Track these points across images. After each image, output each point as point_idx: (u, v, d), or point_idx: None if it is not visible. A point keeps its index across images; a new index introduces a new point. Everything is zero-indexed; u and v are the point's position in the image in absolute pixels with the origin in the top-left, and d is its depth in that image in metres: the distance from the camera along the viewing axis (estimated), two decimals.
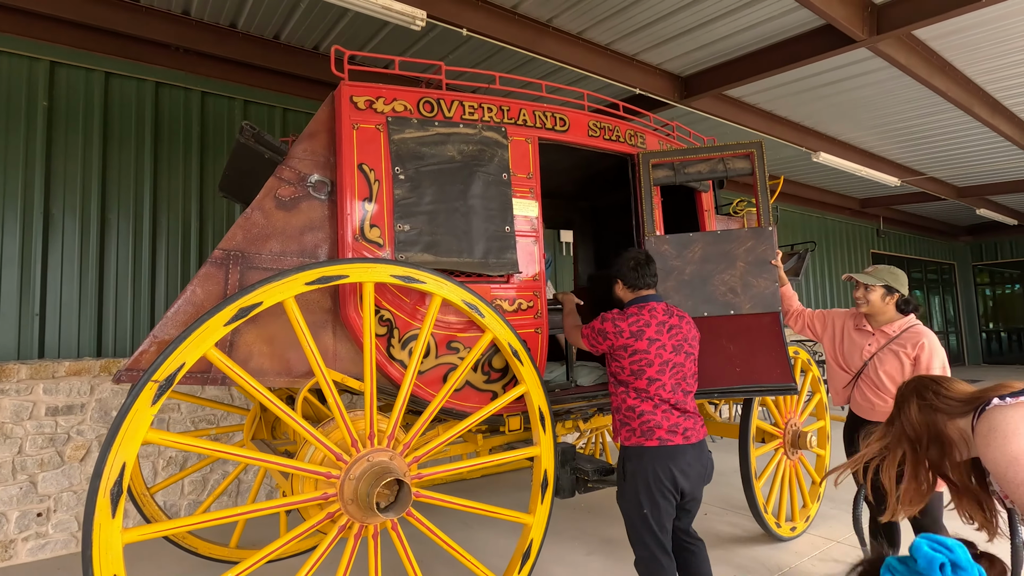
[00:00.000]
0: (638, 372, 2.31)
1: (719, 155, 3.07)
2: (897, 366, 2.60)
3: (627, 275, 2.48)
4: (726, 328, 2.95)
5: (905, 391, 1.61)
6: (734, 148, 3.06)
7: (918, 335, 2.60)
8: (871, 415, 2.68)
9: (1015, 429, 1.32)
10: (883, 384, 2.63)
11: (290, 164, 2.36)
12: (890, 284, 2.68)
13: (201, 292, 2.13)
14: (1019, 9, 4.25)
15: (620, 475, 2.38)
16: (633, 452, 2.31)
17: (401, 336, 2.40)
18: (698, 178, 3.11)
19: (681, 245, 3.02)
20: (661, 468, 2.26)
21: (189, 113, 4.61)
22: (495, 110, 2.73)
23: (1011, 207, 11.69)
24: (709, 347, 2.86)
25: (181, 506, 4.10)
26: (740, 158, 3.07)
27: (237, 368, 1.84)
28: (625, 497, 2.34)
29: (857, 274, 2.76)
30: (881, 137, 7.13)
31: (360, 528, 2.00)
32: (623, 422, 2.36)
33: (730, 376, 2.91)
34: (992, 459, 1.36)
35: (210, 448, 1.77)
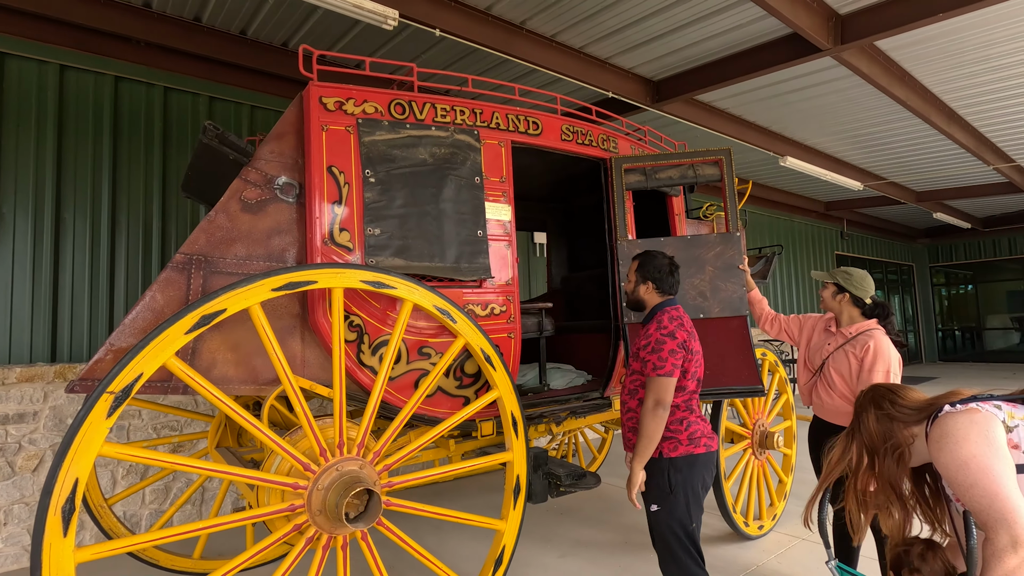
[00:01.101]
0: (692, 373, 2.28)
1: (689, 161, 3.10)
2: (846, 366, 2.66)
3: (664, 279, 2.41)
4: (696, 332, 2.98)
5: (863, 401, 1.68)
6: (703, 155, 3.10)
7: (868, 337, 2.64)
8: (823, 413, 2.80)
9: (965, 435, 1.38)
10: (833, 382, 2.71)
11: (256, 166, 2.30)
12: (840, 283, 2.75)
13: (161, 298, 2.05)
14: (973, 23, 4.42)
15: (663, 490, 2.19)
16: (684, 462, 2.20)
17: (371, 342, 2.36)
18: (669, 183, 3.15)
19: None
20: (708, 475, 2.24)
21: (151, 109, 4.45)
22: (467, 113, 2.71)
23: (965, 211, 12.20)
24: None
25: (142, 516, 3.96)
26: (709, 164, 3.11)
27: (199, 378, 1.78)
28: (673, 513, 2.18)
29: (816, 271, 2.87)
30: (845, 142, 7.34)
31: (328, 539, 1.96)
32: (672, 433, 2.22)
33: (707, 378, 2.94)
34: (944, 463, 1.42)
35: (170, 461, 1.71)
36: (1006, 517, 1.28)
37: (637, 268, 2.47)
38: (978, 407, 1.43)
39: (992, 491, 1.30)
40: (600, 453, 5.40)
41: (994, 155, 7.61)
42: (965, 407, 1.45)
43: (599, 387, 3.33)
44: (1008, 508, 1.28)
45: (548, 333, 3.30)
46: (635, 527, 3.93)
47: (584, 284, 4.48)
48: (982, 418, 1.41)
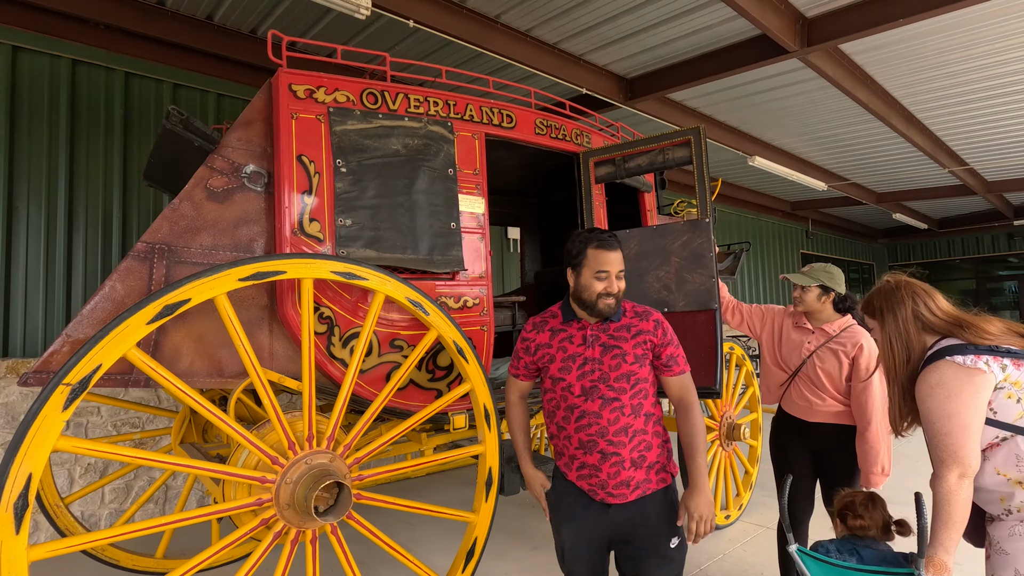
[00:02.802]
0: None
1: (658, 146, 2.94)
2: (836, 365, 2.55)
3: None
4: None
5: (899, 294, 1.72)
6: (672, 137, 2.91)
7: (857, 335, 2.57)
8: (807, 415, 2.63)
9: (959, 391, 1.52)
10: (822, 382, 2.59)
11: (223, 153, 2.24)
12: (825, 283, 2.63)
13: (122, 288, 1.98)
14: (931, 30, 4.59)
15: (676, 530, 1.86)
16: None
17: (342, 334, 2.33)
18: (639, 171, 3.04)
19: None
20: None
21: (111, 94, 4.29)
22: (441, 104, 2.69)
23: (922, 212, 12.68)
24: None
25: (101, 516, 3.83)
26: (680, 147, 2.90)
27: (161, 369, 1.73)
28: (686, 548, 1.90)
29: (792, 275, 2.72)
30: (810, 144, 7.55)
31: (297, 533, 1.93)
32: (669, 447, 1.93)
33: None
34: (929, 408, 1.56)
35: (129, 455, 1.65)
36: (962, 459, 1.49)
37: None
38: (985, 368, 1.51)
39: (960, 442, 1.49)
40: None
41: (949, 158, 7.93)
42: (974, 363, 1.52)
43: None
44: (966, 453, 1.49)
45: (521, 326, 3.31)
46: None
47: (557, 279, 4.50)
48: (981, 381, 1.51)
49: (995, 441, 1.53)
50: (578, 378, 1.82)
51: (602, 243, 1.84)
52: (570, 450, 1.85)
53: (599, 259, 1.82)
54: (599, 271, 1.81)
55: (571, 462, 1.85)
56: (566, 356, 1.85)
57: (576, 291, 1.87)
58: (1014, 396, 1.51)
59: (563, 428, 1.86)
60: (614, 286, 1.82)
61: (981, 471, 1.54)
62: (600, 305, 1.82)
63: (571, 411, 1.83)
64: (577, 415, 1.81)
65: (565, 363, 1.85)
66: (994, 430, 1.52)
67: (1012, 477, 1.50)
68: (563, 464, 1.89)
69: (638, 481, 1.80)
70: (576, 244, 1.87)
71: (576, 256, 1.86)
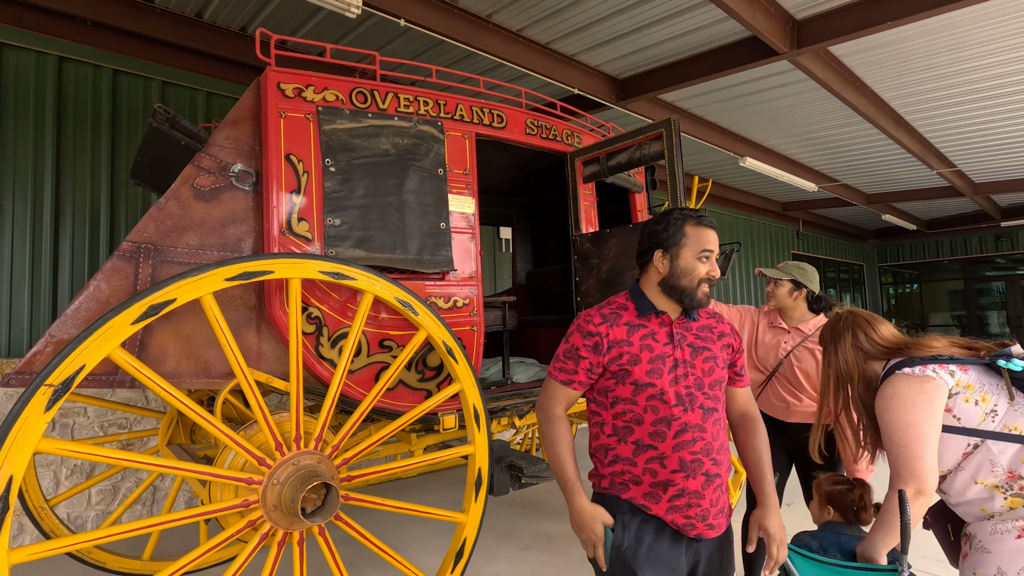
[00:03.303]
0: None
1: (635, 141, 2.88)
2: (814, 364, 2.54)
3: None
4: None
5: (841, 326, 1.79)
6: (646, 130, 2.84)
7: None
8: (785, 415, 2.64)
9: (913, 402, 1.54)
10: (799, 382, 2.59)
11: (210, 152, 2.22)
12: (797, 279, 2.64)
13: (107, 287, 1.96)
14: (919, 33, 4.63)
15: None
16: None
17: (331, 334, 2.32)
18: (620, 169, 3.01)
19: (599, 242, 2.95)
20: None
21: (98, 92, 4.25)
22: (431, 104, 2.69)
23: (911, 213, 12.79)
24: None
25: (88, 518, 3.80)
26: (655, 141, 2.84)
27: (146, 370, 1.71)
28: None
29: (767, 269, 2.73)
30: (801, 145, 7.59)
31: (284, 535, 1.91)
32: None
33: None
34: (887, 421, 1.57)
35: (112, 457, 1.64)
36: (918, 474, 1.50)
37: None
38: (933, 375, 1.55)
39: (918, 454, 1.51)
40: None
41: (937, 160, 8.01)
42: (922, 372, 1.56)
43: None
44: (923, 468, 1.50)
45: (511, 326, 3.30)
46: None
47: (549, 279, 4.50)
48: (933, 387, 1.54)
49: (968, 450, 1.53)
50: (671, 383, 1.53)
51: (702, 219, 1.61)
52: (663, 474, 1.51)
53: (702, 237, 1.60)
54: (704, 250, 1.58)
55: (660, 490, 1.51)
56: (653, 356, 1.55)
57: (672, 276, 1.59)
58: (971, 399, 1.54)
59: (649, 447, 1.52)
60: (716, 269, 1.60)
61: (960, 484, 1.55)
62: (700, 293, 1.58)
63: (667, 424, 1.51)
64: (676, 429, 1.50)
65: (654, 364, 1.54)
66: (964, 438, 1.53)
67: (989, 483, 1.50)
68: (641, 495, 1.53)
69: (729, 508, 1.60)
70: (671, 222, 1.62)
71: (672, 235, 1.61)
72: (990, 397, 1.53)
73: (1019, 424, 1.50)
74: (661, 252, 1.62)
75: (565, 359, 1.63)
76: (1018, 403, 1.52)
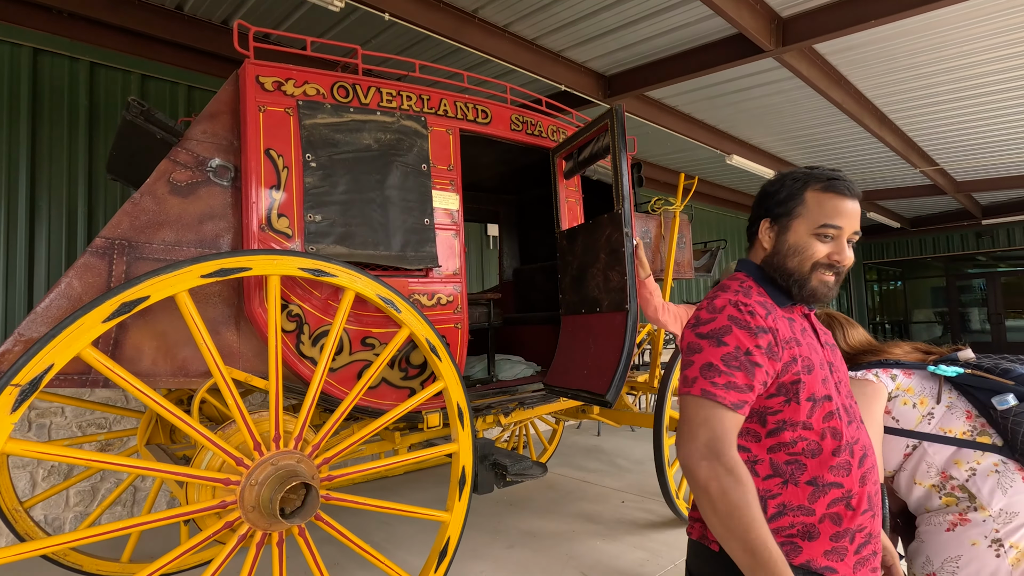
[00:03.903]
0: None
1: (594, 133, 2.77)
2: None
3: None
4: (593, 326, 2.72)
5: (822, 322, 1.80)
6: (598, 122, 2.71)
7: None
8: None
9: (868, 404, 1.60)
10: None
11: (187, 146, 2.18)
12: None
13: (79, 285, 1.92)
14: (902, 32, 4.67)
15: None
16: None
17: (312, 332, 2.28)
18: (588, 163, 2.98)
19: (571, 239, 2.92)
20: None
21: (75, 85, 4.16)
22: (415, 99, 2.65)
23: (895, 211, 12.94)
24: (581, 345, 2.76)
25: (66, 520, 3.73)
26: (606, 131, 2.69)
27: (119, 369, 1.67)
28: None
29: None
30: (786, 143, 7.64)
31: (263, 536, 1.88)
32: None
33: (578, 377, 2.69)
34: None
35: (84, 458, 1.60)
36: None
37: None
38: (873, 379, 1.62)
39: None
40: (551, 444, 5.45)
41: (920, 158, 8.10)
42: (864, 376, 1.63)
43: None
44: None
45: (496, 324, 3.29)
46: (583, 517, 3.99)
47: (535, 276, 4.49)
48: (872, 390, 1.60)
49: (907, 451, 1.60)
50: (836, 394, 1.18)
51: (833, 184, 1.19)
52: (850, 519, 1.11)
53: (828, 207, 1.17)
54: (825, 225, 1.17)
55: (847, 541, 1.11)
56: (817, 360, 1.18)
57: (776, 254, 1.22)
58: (909, 402, 1.60)
59: (833, 486, 1.11)
60: (844, 254, 1.18)
61: (904, 485, 1.61)
62: (814, 282, 1.17)
63: (850, 451, 1.13)
64: (860, 454, 1.15)
65: (823, 371, 1.17)
66: (903, 439, 1.60)
67: (927, 483, 1.56)
68: (821, 554, 1.09)
69: None
70: (786, 183, 1.25)
71: (786, 200, 1.22)
72: (928, 401, 1.59)
73: (954, 427, 1.55)
74: (768, 222, 1.25)
75: (729, 369, 1.08)
76: (955, 407, 1.58)
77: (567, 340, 3.00)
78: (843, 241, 1.19)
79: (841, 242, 1.18)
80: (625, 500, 4.30)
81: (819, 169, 1.24)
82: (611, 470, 5.17)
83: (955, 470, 1.50)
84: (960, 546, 1.44)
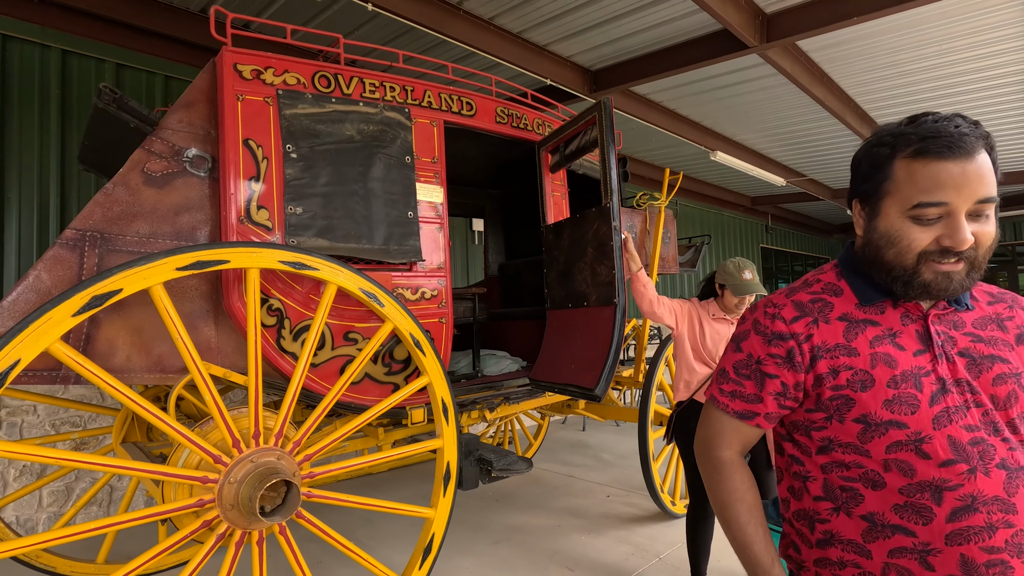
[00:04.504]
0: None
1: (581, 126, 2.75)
2: None
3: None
4: (579, 321, 2.72)
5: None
6: (586, 116, 2.70)
7: None
8: None
9: None
10: None
11: (162, 136, 2.11)
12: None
13: (48, 278, 1.85)
14: (884, 29, 4.72)
15: None
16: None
17: (293, 327, 2.24)
18: (575, 156, 2.95)
19: (557, 233, 2.91)
20: None
21: (46, 73, 4.02)
22: (398, 89, 2.61)
23: None
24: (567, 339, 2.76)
25: (39, 520, 3.63)
26: (593, 126, 2.68)
27: (90, 365, 1.61)
28: None
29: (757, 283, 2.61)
30: (770, 140, 7.71)
31: (242, 535, 1.84)
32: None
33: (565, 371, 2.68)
34: None
35: (54, 457, 1.54)
36: None
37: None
38: None
39: None
40: (536, 440, 5.45)
41: None
42: None
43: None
44: None
45: (481, 318, 3.26)
46: (568, 512, 3.99)
47: (521, 271, 4.47)
48: None
49: None
50: (935, 421, 0.90)
51: (927, 147, 0.89)
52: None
53: (922, 179, 0.89)
54: (920, 204, 0.89)
55: None
56: (897, 376, 0.92)
57: (867, 245, 0.99)
58: None
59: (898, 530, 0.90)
60: (960, 235, 0.88)
61: None
62: (927, 275, 0.91)
63: (934, 494, 0.88)
64: (955, 505, 0.87)
65: (899, 389, 0.92)
66: None
67: None
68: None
69: None
70: (872, 152, 0.98)
71: (871, 174, 0.97)
72: None
73: None
74: (859, 203, 1.02)
75: (739, 376, 1.04)
76: None
77: (553, 335, 2.99)
78: (958, 219, 0.87)
79: (955, 220, 0.88)
80: (610, 495, 4.32)
81: (919, 121, 0.92)
82: (596, 465, 5.18)
83: None
84: None
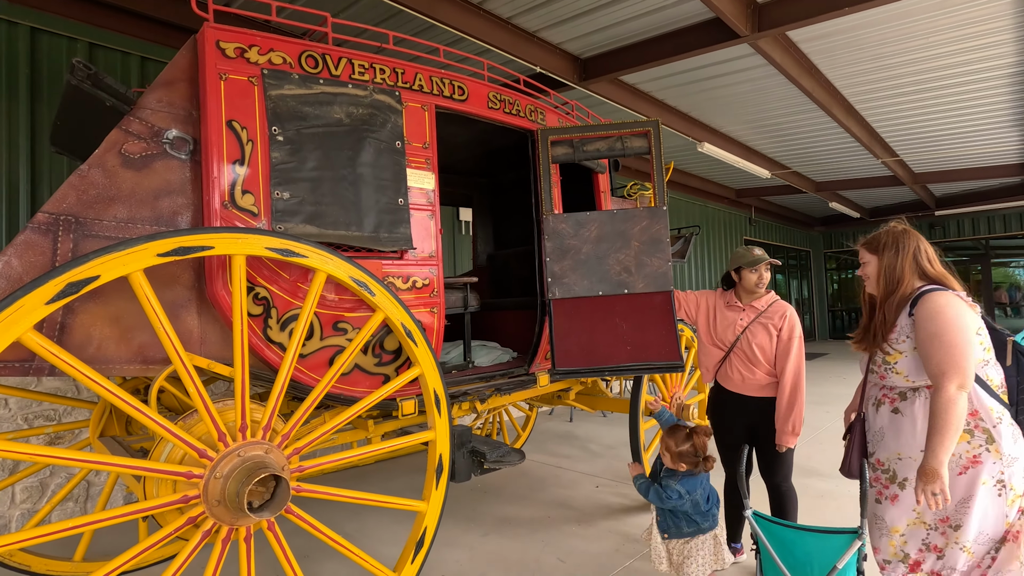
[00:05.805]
0: None
1: (617, 133, 3.07)
2: (767, 338, 2.77)
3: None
4: (619, 307, 2.96)
5: (907, 239, 2.01)
6: (632, 126, 3.07)
7: (783, 308, 2.81)
8: (742, 388, 2.82)
9: (964, 313, 1.83)
10: (756, 357, 2.77)
11: (141, 116, 2.01)
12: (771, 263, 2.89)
13: (19, 264, 1.75)
14: (871, 21, 4.73)
15: None
16: None
17: (280, 316, 2.16)
18: (596, 156, 3.09)
19: (578, 224, 3.01)
20: None
21: (14, 52, 3.84)
22: (388, 72, 2.53)
23: (855, 201, 13.33)
24: (602, 325, 2.90)
25: (12, 517, 3.50)
26: (638, 136, 3.07)
27: (66, 355, 1.53)
28: None
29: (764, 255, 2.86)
30: (756, 131, 7.73)
31: (229, 531, 1.78)
32: None
33: (621, 354, 2.93)
34: (938, 323, 1.80)
35: (31, 453, 1.46)
36: (963, 370, 1.73)
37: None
38: (976, 306, 1.88)
39: (965, 351, 1.75)
40: (524, 431, 5.42)
41: (882, 149, 8.31)
42: (971, 301, 1.87)
43: (524, 364, 3.30)
44: (967, 365, 1.75)
45: (473, 309, 3.21)
46: (557, 503, 3.97)
47: (510, 261, 4.42)
48: (973, 316, 1.86)
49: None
50: None
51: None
52: None
53: None
54: None
55: None
56: None
57: None
58: (983, 344, 1.87)
59: None
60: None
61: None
62: None
63: None
64: None
65: None
66: None
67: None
68: None
69: None
70: None
71: None
72: (991, 349, 1.90)
73: (992, 377, 1.85)
74: None
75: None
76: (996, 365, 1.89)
77: (567, 321, 2.97)
78: None
79: None
80: (599, 485, 4.31)
81: None
82: (584, 455, 5.18)
83: None
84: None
